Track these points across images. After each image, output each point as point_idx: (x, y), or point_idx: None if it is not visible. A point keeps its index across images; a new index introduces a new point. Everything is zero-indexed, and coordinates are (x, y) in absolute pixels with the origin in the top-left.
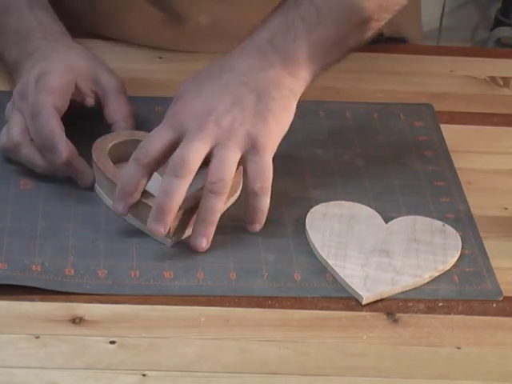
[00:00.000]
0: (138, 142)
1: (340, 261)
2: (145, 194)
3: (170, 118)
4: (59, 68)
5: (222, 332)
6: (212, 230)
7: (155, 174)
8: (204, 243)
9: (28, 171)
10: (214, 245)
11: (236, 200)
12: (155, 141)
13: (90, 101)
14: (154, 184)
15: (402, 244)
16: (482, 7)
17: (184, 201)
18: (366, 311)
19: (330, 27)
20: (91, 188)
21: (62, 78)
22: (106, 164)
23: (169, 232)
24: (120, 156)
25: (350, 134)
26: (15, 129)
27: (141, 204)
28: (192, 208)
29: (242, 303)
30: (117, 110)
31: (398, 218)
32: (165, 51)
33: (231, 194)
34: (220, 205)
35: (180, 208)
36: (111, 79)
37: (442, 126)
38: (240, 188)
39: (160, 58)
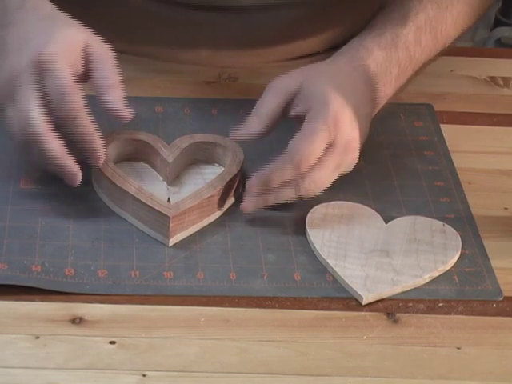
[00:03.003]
0: (138, 141)
1: (340, 261)
2: (145, 194)
3: (325, 126)
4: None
5: (221, 332)
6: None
7: (157, 176)
8: (250, 206)
9: (28, 171)
10: (214, 245)
11: (234, 201)
12: (316, 151)
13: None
14: (155, 185)
15: (402, 244)
16: None
17: (184, 201)
18: (366, 311)
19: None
20: (91, 185)
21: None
22: (106, 164)
23: (169, 232)
24: (120, 156)
25: None
26: (37, 114)
27: (141, 205)
28: (192, 208)
29: (242, 303)
30: (104, 78)
31: (398, 218)
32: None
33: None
34: (285, 175)
35: (180, 209)
36: (102, 46)
37: (442, 126)
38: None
39: None
